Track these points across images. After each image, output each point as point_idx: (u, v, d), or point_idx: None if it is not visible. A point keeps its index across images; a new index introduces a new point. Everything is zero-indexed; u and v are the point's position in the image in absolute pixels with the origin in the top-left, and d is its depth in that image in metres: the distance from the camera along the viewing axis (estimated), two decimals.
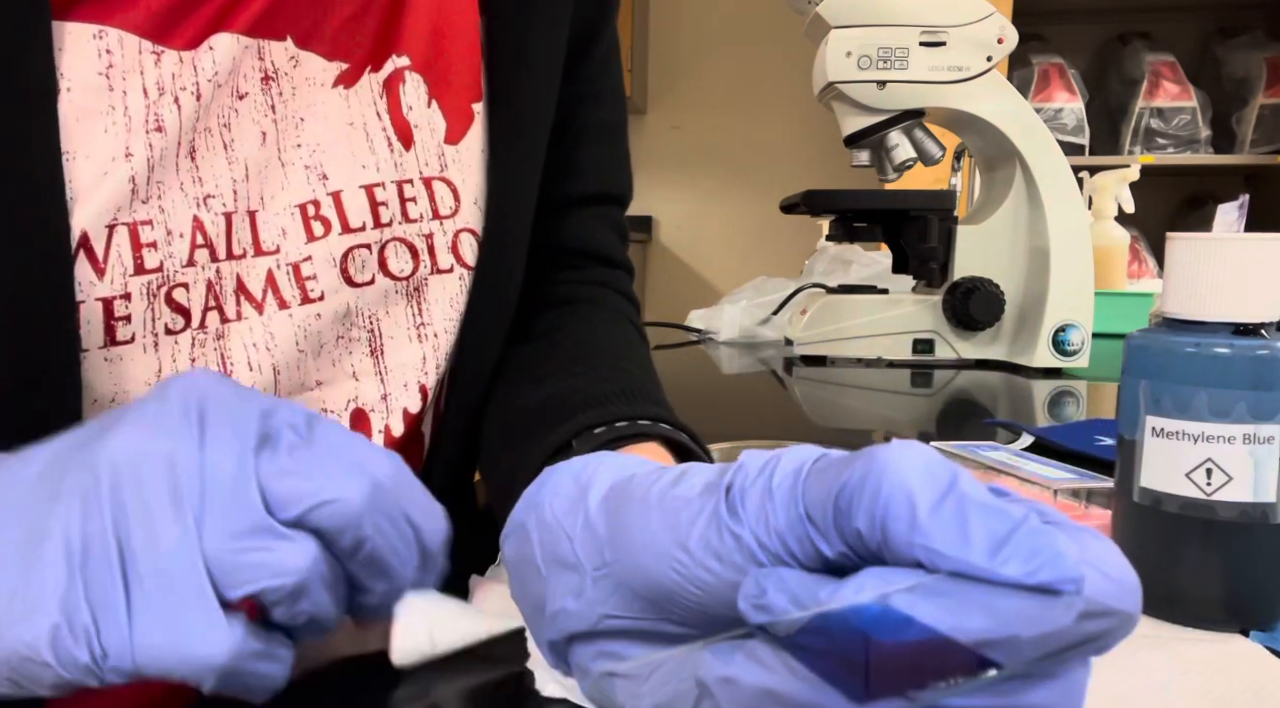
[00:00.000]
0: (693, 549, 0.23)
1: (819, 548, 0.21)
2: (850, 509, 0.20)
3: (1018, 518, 0.19)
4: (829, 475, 0.21)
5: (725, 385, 1.04)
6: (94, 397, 0.37)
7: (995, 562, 0.18)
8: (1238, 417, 0.33)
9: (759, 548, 0.21)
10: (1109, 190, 1.40)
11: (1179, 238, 0.35)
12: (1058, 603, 0.18)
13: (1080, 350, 1.01)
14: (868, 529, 0.20)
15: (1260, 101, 2.41)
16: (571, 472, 0.30)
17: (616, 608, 0.26)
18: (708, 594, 0.23)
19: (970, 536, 0.19)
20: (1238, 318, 0.34)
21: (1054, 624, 0.18)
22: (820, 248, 1.57)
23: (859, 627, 0.19)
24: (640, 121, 2.81)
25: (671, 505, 0.24)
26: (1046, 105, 2.41)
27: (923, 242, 1.06)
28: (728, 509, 0.22)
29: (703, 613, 0.23)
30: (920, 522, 0.19)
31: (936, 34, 1.00)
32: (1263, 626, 0.34)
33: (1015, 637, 0.18)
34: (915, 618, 0.18)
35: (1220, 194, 2.04)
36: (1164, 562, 0.35)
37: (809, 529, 0.21)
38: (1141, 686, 0.30)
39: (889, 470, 0.20)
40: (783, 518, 0.21)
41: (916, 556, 0.19)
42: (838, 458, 0.22)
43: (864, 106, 1.03)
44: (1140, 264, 2.40)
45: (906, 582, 0.19)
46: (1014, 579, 0.18)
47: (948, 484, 0.19)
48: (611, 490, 0.27)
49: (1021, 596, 0.18)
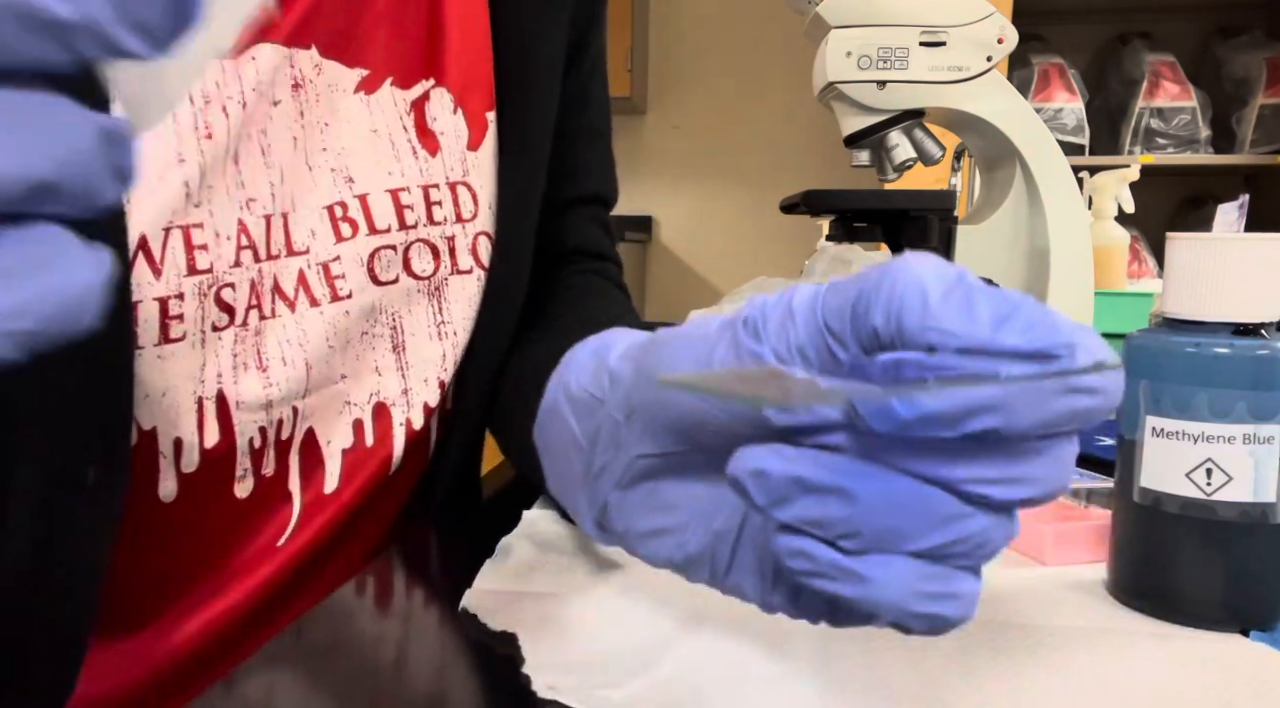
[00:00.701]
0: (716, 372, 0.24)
1: (836, 355, 0.22)
2: (868, 310, 0.22)
3: (1018, 300, 0.21)
4: (845, 287, 0.23)
5: None
6: (145, 392, 0.39)
7: (999, 334, 0.20)
8: (1238, 417, 0.33)
9: (778, 363, 0.23)
10: (1109, 190, 1.40)
11: (1179, 238, 0.35)
12: (1052, 367, 0.20)
13: None
14: (883, 324, 0.21)
15: (1260, 101, 2.41)
16: (588, 348, 0.32)
17: (648, 447, 0.27)
18: (731, 414, 0.24)
19: (976, 315, 0.21)
20: (1238, 318, 0.34)
21: (1049, 386, 0.20)
22: (820, 248, 1.57)
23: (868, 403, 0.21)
24: (640, 121, 2.80)
25: (690, 340, 0.26)
26: (1046, 105, 2.41)
27: (923, 242, 1.06)
28: (749, 332, 0.24)
29: (728, 433, 0.25)
30: (932, 308, 0.21)
31: (936, 34, 1.00)
32: (1263, 626, 0.34)
33: (1014, 400, 0.20)
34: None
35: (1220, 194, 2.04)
36: (1164, 562, 0.35)
37: (827, 339, 0.22)
38: (1143, 681, 0.30)
39: (905, 271, 0.21)
40: (803, 332, 0.23)
41: (930, 339, 0.21)
42: (854, 275, 0.23)
43: (864, 106, 1.03)
44: (1140, 264, 2.40)
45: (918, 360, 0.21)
46: (1014, 348, 0.20)
47: (955, 277, 0.21)
48: (629, 348, 0.30)
49: (1021, 363, 0.20)
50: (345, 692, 0.30)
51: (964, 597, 0.22)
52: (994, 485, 0.21)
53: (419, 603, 0.39)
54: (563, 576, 0.39)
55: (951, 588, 0.22)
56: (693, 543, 0.27)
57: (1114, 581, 0.37)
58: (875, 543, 0.21)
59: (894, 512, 0.21)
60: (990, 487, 0.21)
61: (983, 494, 0.21)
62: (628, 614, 0.35)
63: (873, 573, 0.21)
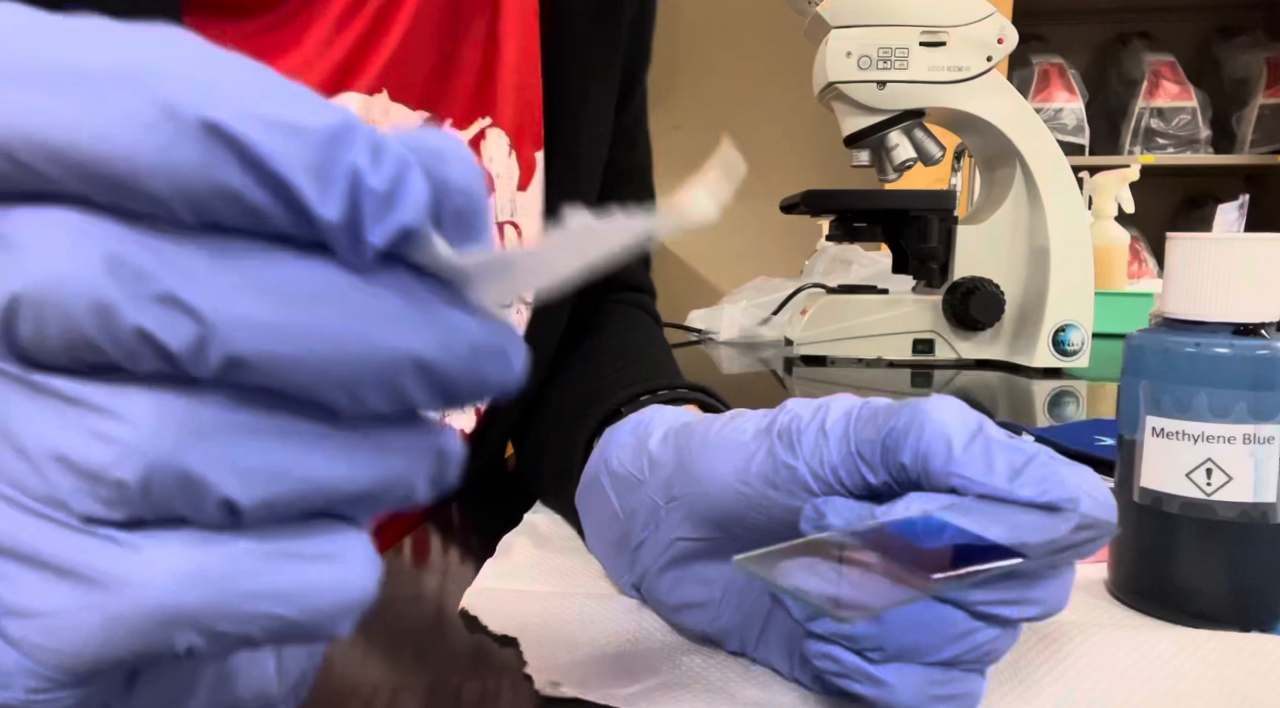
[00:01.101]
0: (752, 482, 0.28)
1: (866, 478, 0.26)
2: (897, 447, 0.25)
3: (1030, 453, 0.25)
4: (877, 420, 0.26)
5: (725, 385, 1.04)
6: None
7: (1014, 485, 0.24)
8: (1238, 417, 0.33)
9: (812, 477, 0.26)
10: (1109, 190, 1.40)
11: (1179, 238, 0.35)
12: (1059, 517, 0.24)
13: (1080, 350, 1.01)
14: (911, 463, 0.25)
15: (1260, 101, 2.41)
16: (629, 427, 0.36)
17: (687, 532, 0.31)
18: (765, 516, 0.28)
19: (994, 466, 0.24)
20: (1238, 318, 0.34)
21: (1056, 532, 0.23)
22: (820, 248, 1.57)
23: (900, 534, 0.24)
24: None
25: (729, 445, 0.29)
26: (1046, 105, 2.41)
27: (923, 242, 1.06)
28: (784, 446, 0.27)
29: (760, 529, 0.28)
30: (955, 456, 0.24)
31: (936, 34, 1.00)
32: (1263, 626, 0.34)
33: (1026, 542, 0.23)
34: (951, 523, 0.23)
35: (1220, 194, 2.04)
36: (1164, 562, 0.35)
37: (859, 463, 0.26)
38: (1144, 675, 0.30)
39: (930, 417, 0.25)
40: (836, 454, 0.26)
41: (952, 483, 0.24)
42: (880, 406, 0.27)
43: (864, 106, 1.03)
44: (1140, 264, 2.40)
45: (944, 502, 0.24)
46: (1028, 498, 0.24)
47: (976, 427, 0.25)
48: (669, 433, 0.33)
49: (1032, 512, 0.24)
50: (345, 692, 0.30)
51: (969, 696, 0.26)
52: (1006, 607, 0.24)
53: (418, 603, 0.39)
54: (563, 576, 0.39)
55: (959, 690, 0.25)
56: (725, 618, 0.31)
57: (1114, 580, 0.37)
58: (897, 656, 0.25)
59: (916, 631, 0.24)
60: (1003, 608, 0.24)
61: (995, 614, 0.24)
62: (628, 614, 0.35)
63: (892, 679, 0.25)
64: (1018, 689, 0.29)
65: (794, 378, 1.01)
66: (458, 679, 0.31)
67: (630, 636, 0.33)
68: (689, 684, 0.29)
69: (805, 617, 0.26)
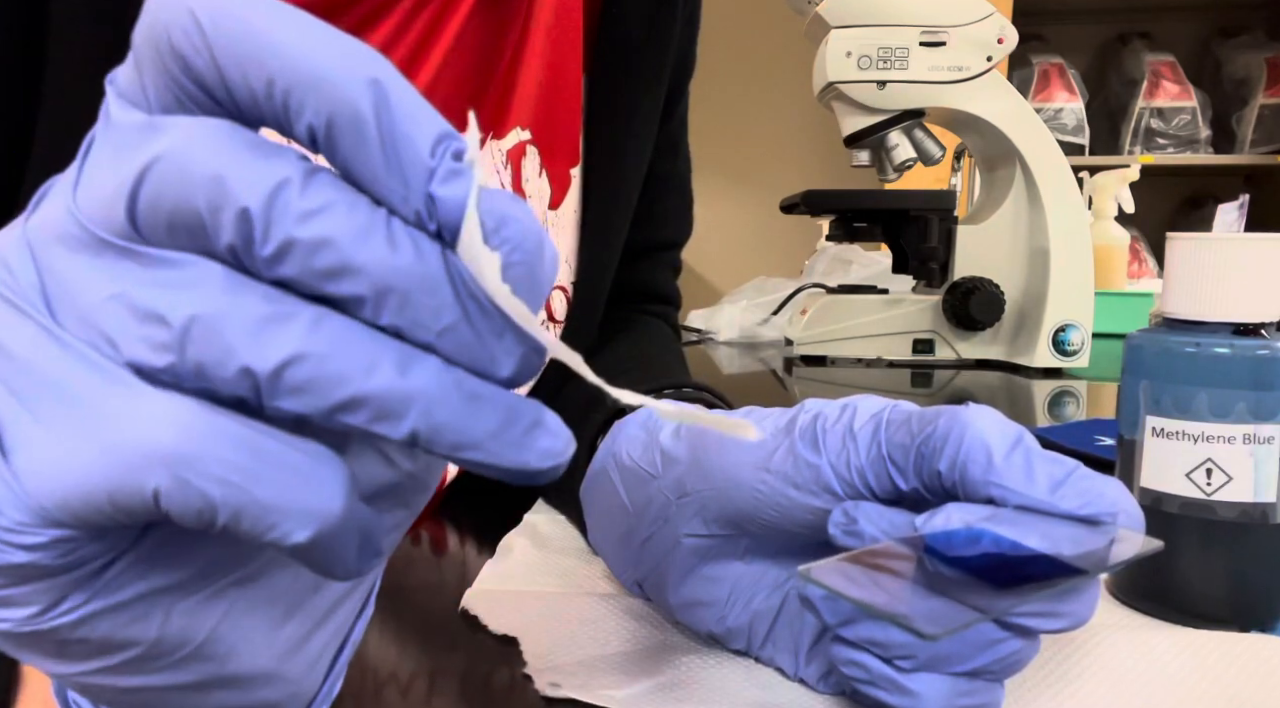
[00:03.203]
0: (771, 479, 0.27)
1: (896, 483, 0.25)
2: (934, 453, 0.25)
3: (1070, 466, 0.24)
4: (910, 426, 0.25)
5: (725, 385, 1.03)
6: None
7: (1055, 497, 0.24)
8: (1238, 417, 0.33)
9: (836, 479, 0.26)
10: (1109, 190, 1.40)
11: (1179, 238, 0.35)
12: (1098, 531, 0.24)
13: (1080, 350, 1.01)
14: (948, 471, 0.24)
15: (1260, 101, 2.41)
16: (638, 420, 0.35)
17: (697, 528, 0.30)
18: (781, 514, 0.27)
19: (1035, 477, 0.24)
20: (1238, 318, 0.34)
21: (1094, 545, 0.23)
22: (820, 248, 1.57)
23: (935, 546, 0.23)
24: None
25: (747, 442, 0.28)
26: (1046, 105, 2.41)
27: (923, 242, 1.06)
28: (807, 445, 0.27)
29: (774, 528, 0.28)
30: (996, 466, 0.24)
31: (936, 34, 1.00)
32: (1263, 626, 0.34)
33: (1062, 555, 0.23)
34: (988, 533, 0.23)
35: (1220, 194, 2.04)
36: (1164, 562, 0.35)
37: (889, 467, 0.25)
38: (1145, 674, 0.30)
39: (970, 426, 0.24)
40: (864, 456, 0.26)
41: (990, 493, 0.24)
42: (913, 411, 0.26)
43: (864, 106, 1.03)
44: (1140, 264, 2.40)
45: (984, 513, 0.24)
46: (1070, 511, 0.24)
47: (1016, 438, 0.25)
48: (681, 427, 0.32)
49: (1069, 525, 0.24)
50: (344, 692, 0.30)
51: (990, 706, 0.26)
52: (1037, 618, 0.24)
53: (419, 603, 0.39)
54: (563, 576, 0.39)
55: (982, 700, 0.25)
56: (732, 618, 0.30)
57: (1114, 580, 0.37)
58: (926, 665, 0.24)
59: (948, 640, 0.24)
60: (1034, 619, 0.24)
61: (1025, 625, 0.24)
62: (629, 615, 0.35)
63: (919, 688, 0.24)
64: (1018, 691, 0.29)
65: (794, 378, 1.01)
66: (458, 680, 0.31)
67: (630, 636, 0.33)
68: (689, 685, 0.29)
69: (838, 622, 0.25)
